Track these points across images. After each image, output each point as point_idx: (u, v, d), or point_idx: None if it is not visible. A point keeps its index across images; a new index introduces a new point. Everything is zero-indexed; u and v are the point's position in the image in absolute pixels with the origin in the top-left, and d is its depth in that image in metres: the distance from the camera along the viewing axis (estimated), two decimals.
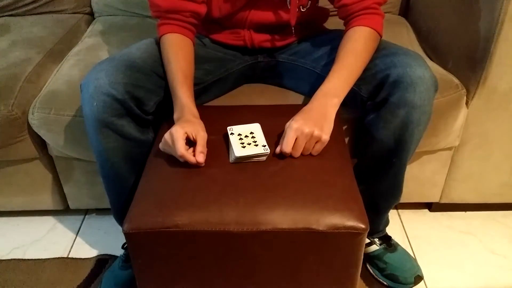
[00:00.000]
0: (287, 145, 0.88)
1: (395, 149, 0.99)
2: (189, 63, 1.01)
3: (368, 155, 1.05)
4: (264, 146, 0.90)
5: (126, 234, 0.80)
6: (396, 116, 0.94)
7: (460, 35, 1.18)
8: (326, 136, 0.89)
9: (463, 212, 1.42)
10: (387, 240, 1.21)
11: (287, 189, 0.83)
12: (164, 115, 1.03)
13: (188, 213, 0.80)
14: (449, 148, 1.24)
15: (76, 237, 1.37)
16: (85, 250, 1.33)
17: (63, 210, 1.42)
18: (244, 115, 1.01)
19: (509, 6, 1.01)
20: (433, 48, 1.32)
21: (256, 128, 0.94)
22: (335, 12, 1.06)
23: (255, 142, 0.90)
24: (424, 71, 0.93)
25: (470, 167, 1.28)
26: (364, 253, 1.21)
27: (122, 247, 1.24)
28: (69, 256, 1.31)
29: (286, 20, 1.08)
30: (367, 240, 1.21)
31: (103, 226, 1.41)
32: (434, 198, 1.36)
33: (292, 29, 1.08)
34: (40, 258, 1.30)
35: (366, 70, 0.98)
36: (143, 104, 0.97)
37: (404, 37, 1.39)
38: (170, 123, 0.93)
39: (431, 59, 1.28)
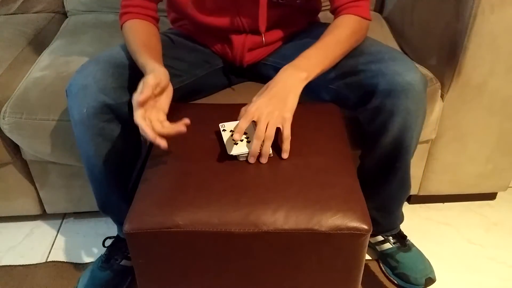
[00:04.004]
0: (238, 129, 0.83)
1: (397, 154, 0.99)
2: (148, 35, 0.99)
3: (371, 161, 1.05)
4: None
5: (127, 234, 0.80)
6: (394, 124, 0.94)
7: (434, 29, 1.20)
8: (288, 114, 0.85)
9: (441, 204, 1.45)
10: (401, 239, 1.21)
11: (289, 190, 0.83)
12: None
13: (189, 213, 0.80)
14: (426, 141, 1.26)
15: (54, 242, 1.35)
16: (64, 255, 1.30)
17: (40, 215, 1.39)
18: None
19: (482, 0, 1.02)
20: (407, 43, 1.33)
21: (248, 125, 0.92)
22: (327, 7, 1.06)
23: (247, 138, 0.89)
24: (413, 75, 0.92)
25: (447, 159, 1.30)
26: (378, 251, 1.23)
27: (103, 245, 1.22)
28: (59, 261, 1.28)
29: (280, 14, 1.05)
30: (381, 238, 1.21)
31: (81, 230, 1.38)
32: (413, 191, 1.38)
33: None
34: (31, 263, 1.28)
35: (352, 75, 0.97)
36: None
37: (378, 33, 1.40)
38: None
39: (406, 53, 1.29)
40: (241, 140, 0.89)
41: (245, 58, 1.12)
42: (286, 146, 0.86)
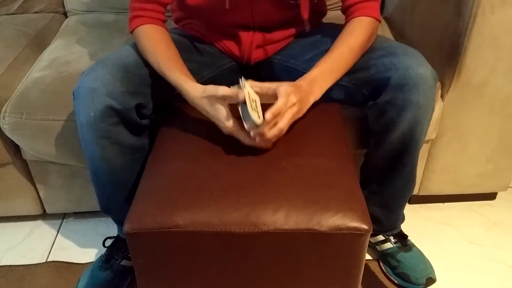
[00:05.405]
0: (275, 111, 0.82)
1: (406, 149, 0.99)
2: (167, 44, 0.98)
3: (379, 157, 1.05)
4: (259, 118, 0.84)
5: (127, 234, 0.80)
6: (404, 118, 0.94)
7: (434, 29, 1.20)
8: (297, 115, 0.88)
9: (441, 204, 1.45)
10: (402, 239, 1.21)
11: (289, 190, 0.83)
12: (161, 117, 1.03)
13: (189, 213, 0.80)
14: (426, 141, 1.26)
15: (54, 242, 1.35)
16: (64, 255, 1.30)
17: (40, 215, 1.39)
18: None
19: None
20: (407, 43, 1.32)
21: (257, 98, 0.89)
22: (331, 7, 1.05)
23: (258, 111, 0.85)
24: (425, 70, 0.92)
25: (447, 159, 1.30)
26: (378, 250, 1.23)
27: (103, 245, 1.23)
28: (59, 261, 1.28)
29: (292, 14, 1.05)
30: (382, 238, 1.21)
31: (81, 230, 1.38)
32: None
33: (304, 25, 1.05)
34: (31, 263, 1.27)
35: (363, 70, 0.97)
36: (141, 109, 0.96)
37: (378, 32, 1.39)
38: (169, 126, 0.94)
39: None
40: (256, 110, 0.85)
41: (253, 55, 1.12)
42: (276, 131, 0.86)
